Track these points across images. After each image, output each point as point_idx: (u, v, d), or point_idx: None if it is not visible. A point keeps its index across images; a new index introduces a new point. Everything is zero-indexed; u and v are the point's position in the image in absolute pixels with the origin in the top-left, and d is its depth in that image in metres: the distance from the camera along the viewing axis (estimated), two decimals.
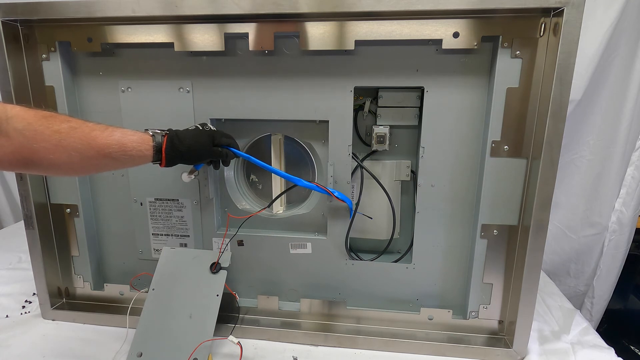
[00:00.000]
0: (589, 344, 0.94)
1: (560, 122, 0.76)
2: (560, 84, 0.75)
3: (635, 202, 1.43)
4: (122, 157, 0.69)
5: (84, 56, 0.94)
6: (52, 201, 1.01)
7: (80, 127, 0.65)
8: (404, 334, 0.95)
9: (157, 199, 1.01)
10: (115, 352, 0.90)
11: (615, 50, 1.32)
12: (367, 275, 0.99)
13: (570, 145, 1.46)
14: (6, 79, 0.89)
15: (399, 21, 0.81)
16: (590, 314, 1.56)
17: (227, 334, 0.92)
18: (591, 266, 1.54)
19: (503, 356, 0.91)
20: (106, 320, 1.01)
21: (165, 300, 0.92)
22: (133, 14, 0.83)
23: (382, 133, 0.94)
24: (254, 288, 1.05)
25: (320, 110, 0.90)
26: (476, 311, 0.95)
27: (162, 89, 0.93)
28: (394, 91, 0.93)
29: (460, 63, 0.84)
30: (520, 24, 0.78)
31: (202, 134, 0.80)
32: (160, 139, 0.74)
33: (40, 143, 0.61)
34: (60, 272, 1.05)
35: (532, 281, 0.85)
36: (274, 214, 1.05)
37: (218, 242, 1.02)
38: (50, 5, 0.85)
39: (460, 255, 0.95)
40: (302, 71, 0.88)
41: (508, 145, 0.84)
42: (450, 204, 0.92)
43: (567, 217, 1.54)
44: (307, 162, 1.04)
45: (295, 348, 0.94)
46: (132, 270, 1.06)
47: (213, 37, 0.86)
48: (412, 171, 0.99)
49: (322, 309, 1.00)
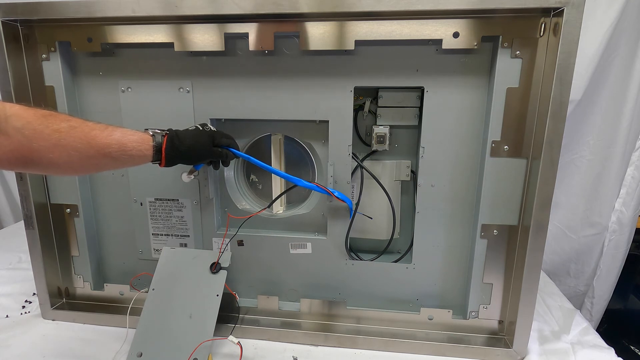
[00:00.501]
0: (589, 344, 0.94)
1: (560, 122, 0.76)
2: (560, 84, 0.75)
3: (635, 202, 1.43)
4: (122, 156, 0.68)
5: (84, 56, 0.94)
6: (52, 201, 1.01)
7: (80, 127, 0.65)
8: (404, 334, 0.95)
9: (157, 199, 1.01)
10: (115, 352, 0.90)
11: (615, 50, 1.32)
12: (367, 275, 1.00)
13: (570, 145, 1.46)
14: (6, 79, 0.89)
15: (399, 21, 0.81)
16: (590, 314, 1.56)
17: (227, 334, 0.92)
18: (591, 266, 1.54)
19: (503, 356, 0.91)
20: (106, 320, 1.01)
21: (165, 300, 0.92)
22: (133, 14, 0.83)
23: (382, 133, 0.94)
24: (254, 288, 1.05)
25: (320, 110, 0.90)
26: (476, 311, 0.95)
27: (162, 89, 0.93)
28: (394, 91, 0.93)
29: (460, 63, 0.84)
30: (520, 24, 0.78)
31: (202, 134, 0.80)
32: (160, 139, 0.74)
33: (39, 142, 0.60)
34: (60, 272, 1.05)
35: (532, 281, 0.85)
36: (274, 214, 1.05)
37: (218, 242, 1.02)
38: (50, 5, 0.85)
39: (460, 255, 0.95)
40: (302, 71, 0.88)
41: (508, 145, 0.84)
42: (450, 204, 0.92)
43: (567, 217, 1.54)
44: (307, 162, 1.04)
45: (295, 348, 0.94)
46: (132, 270, 1.06)
47: (213, 37, 0.86)
48: (412, 171, 0.99)
49: (322, 309, 1.00)
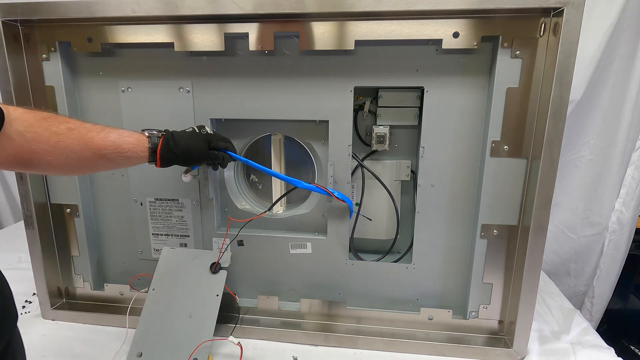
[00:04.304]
0: (589, 344, 0.94)
1: (560, 122, 0.76)
2: (560, 84, 0.75)
3: (635, 202, 1.43)
4: (118, 158, 0.69)
5: (84, 56, 0.94)
6: (52, 201, 1.01)
7: (78, 129, 0.65)
8: (404, 334, 0.95)
9: (157, 199, 1.01)
10: (115, 352, 0.90)
11: (615, 50, 1.32)
12: (367, 275, 0.99)
13: (570, 145, 1.46)
14: (6, 79, 0.89)
15: (399, 21, 0.81)
16: (590, 314, 1.56)
17: (227, 334, 0.92)
18: (591, 266, 1.54)
19: (503, 356, 0.91)
20: (106, 320, 1.01)
21: (165, 300, 0.92)
22: (133, 14, 0.83)
23: (382, 133, 0.94)
24: (254, 288, 1.05)
25: (320, 110, 0.90)
26: (476, 311, 0.95)
27: (162, 89, 0.93)
28: (394, 91, 0.93)
29: (460, 63, 0.84)
30: (520, 24, 0.78)
31: (198, 137, 0.80)
32: (156, 140, 0.75)
33: (39, 145, 0.61)
34: (60, 272, 1.05)
35: (532, 281, 0.86)
36: (274, 214, 1.05)
37: (218, 242, 1.02)
38: (50, 5, 0.85)
39: (460, 255, 0.95)
40: (302, 71, 0.88)
41: (508, 145, 0.84)
42: (450, 204, 0.92)
43: (567, 217, 1.54)
44: (307, 162, 1.04)
45: (295, 348, 0.94)
46: (132, 270, 1.06)
47: (213, 37, 0.86)
48: (412, 171, 0.99)
49: (322, 309, 1.00)
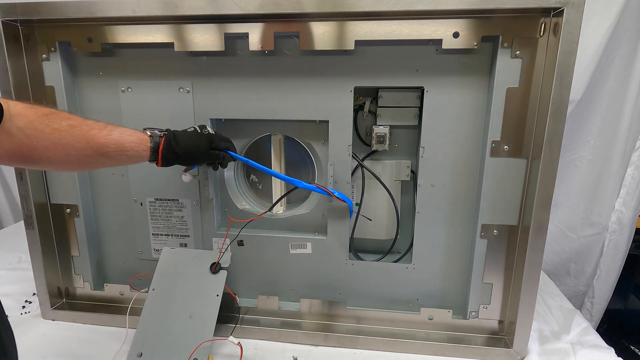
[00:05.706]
0: (589, 344, 0.94)
1: (560, 122, 0.76)
2: (560, 84, 0.75)
3: (635, 202, 1.43)
4: (119, 156, 0.69)
5: (84, 56, 0.94)
6: (52, 201, 1.01)
7: (79, 126, 0.65)
8: (404, 334, 0.95)
9: (157, 199, 1.01)
10: (115, 352, 0.90)
11: (615, 50, 1.32)
12: (367, 275, 0.99)
13: (570, 145, 1.46)
14: (6, 79, 0.89)
15: (399, 21, 0.81)
16: (590, 314, 1.56)
17: (227, 334, 0.92)
18: (591, 266, 1.54)
19: (503, 356, 0.91)
20: (106, 321, 1.01)
21: (166, 300, 0.92)
22: (133, 14, 0.83)
23: (382, 133, 0.94)
24: (254, 288, 1.05)
25: (320, 110, 0.90)
26: (476, 311, 0.95)
27: (162, 89, 0.93)
28: (394, 91, 0.93)
29: (460, 63, 0.84)
30: (520, 24, 0.78)
31: (199, 137, 0.80)
32: (158, 139, 0.75)
33: (40, 142, 0.60)
34: (60, 272, 1.05)
35: (532, 281, 0.85)
36: (274, 214, 1.05)
37: (218, 242, 1.02)
38: (50, 5, 0.85)
39: (460, 255, 0.95)
40: (302, 71, 0.88)
41: (508, 145, 0.84)
42: (450, 204, 0.92)
43: (567, 217, 1.53)
44: (307, 162, 1.04)
45: (295, 348, 0.94)
46: (132, 270, 1.06)
47: (213, 37, 0.86)
48: (412, 171, 0.99)
49: (322, 309, 1.00)
